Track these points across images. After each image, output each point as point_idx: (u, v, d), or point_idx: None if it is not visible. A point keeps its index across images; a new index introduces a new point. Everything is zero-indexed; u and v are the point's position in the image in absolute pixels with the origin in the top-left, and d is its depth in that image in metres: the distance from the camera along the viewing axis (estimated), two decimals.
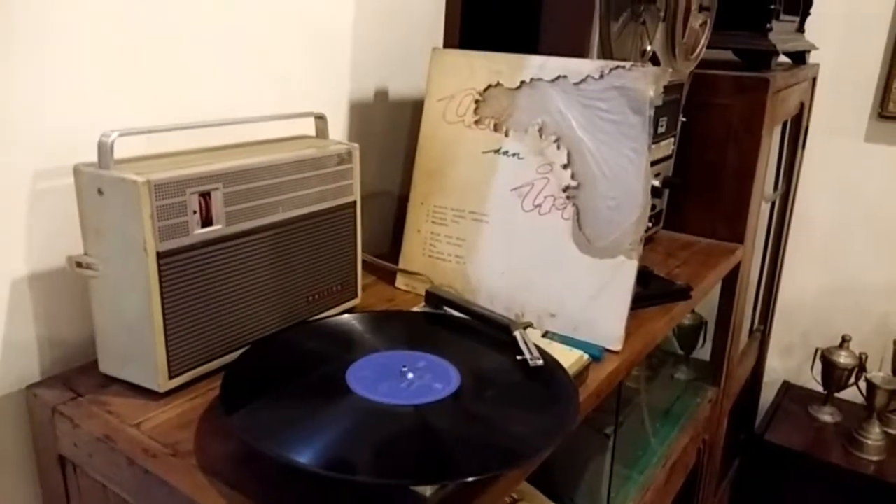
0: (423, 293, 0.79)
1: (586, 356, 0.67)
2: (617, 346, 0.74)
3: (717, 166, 1.17)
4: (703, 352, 1.37)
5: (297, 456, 0.47)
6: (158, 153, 0.65)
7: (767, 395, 1.84)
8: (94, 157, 0.58)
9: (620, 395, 0.84)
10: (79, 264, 0.61)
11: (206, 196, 0.61)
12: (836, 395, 1.68)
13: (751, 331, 1.62)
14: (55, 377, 0.65)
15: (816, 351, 1.66)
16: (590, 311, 0.75)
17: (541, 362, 0.60)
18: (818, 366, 1.66)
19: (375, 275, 0.91)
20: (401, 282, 0.89)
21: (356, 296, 0.80)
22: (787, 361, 1.85)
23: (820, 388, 1.70)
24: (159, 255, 0.58)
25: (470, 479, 0.46)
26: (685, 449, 1.10)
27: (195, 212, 0.60)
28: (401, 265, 0.88)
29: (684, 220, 1.19)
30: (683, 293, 0.91)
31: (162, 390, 0.61)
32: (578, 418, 0.56)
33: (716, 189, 1.17)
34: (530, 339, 0.64)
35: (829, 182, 1.70)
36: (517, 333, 0.64)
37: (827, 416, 1.68)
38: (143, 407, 0.60)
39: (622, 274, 0.74)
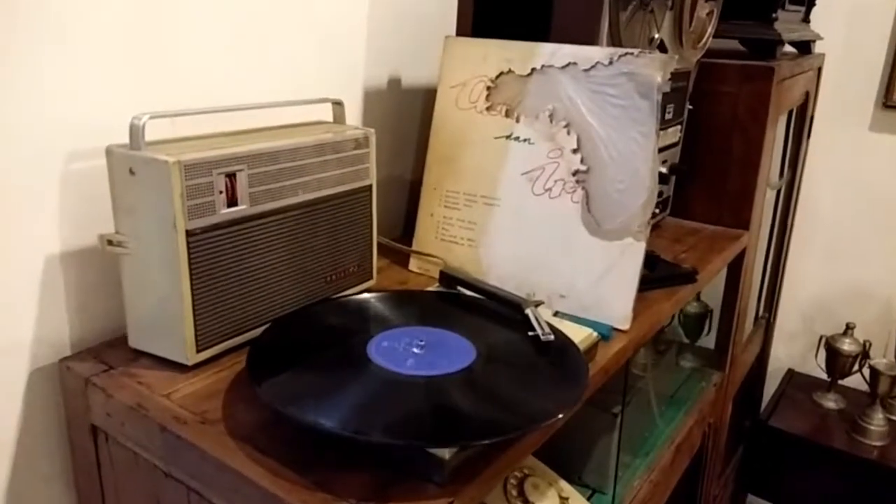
0: (436, 276, 0.82)
1: (595, 333, 0.70)
2: (625, 325, 0.77)
3: (723, 154, 1.19)
4: (708, 340, 1.39)
5: (322, 419, 0.50)
6: (184, 136, 0.68)
7: (772, 383, 1.86)
8: (119, 140, 0.61)
9: (628, 376, 0.87)
10: (110, 242, 0.63)
11: (231, 177, 0.64)
12: (840, 381, 1.70)
13: (756, 318, 1.64)
14: (87, 351, 0.68)
15: (821, 338, 1.68)
16: (599, 292, 0.78)
17: (552, 337, 0.63)
18: (822, 353, 1.68)
19: (389, 258, 0.94)
20: (414, 265, 0.91)
21: (371, 277, 0.83)
22: (792, 349, 1.87)
23: (824, 376, 1.72)
24: (188, 234, 0.61)
25: (486, 441, 0.48)
26: (690, 431, 1.12)
27: (221, 192, 0.63)
28: (414, 248, 0.91)
29: (690, 207, 1.21)
30: (689, 276, 0.94)
31: (190, 363, 0.64)
32: (589, 390, 0.58)
33: (721, 176, 1.20)
34: (541, 316, 0.66)
35: (835, 171, 1.72)
36: (529, 311, 0.67)
37: (831, 402, 1.71)
38: (171, 379, 0.63)
39: (630, 255, 0.77)
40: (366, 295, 0.73)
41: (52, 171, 0.65)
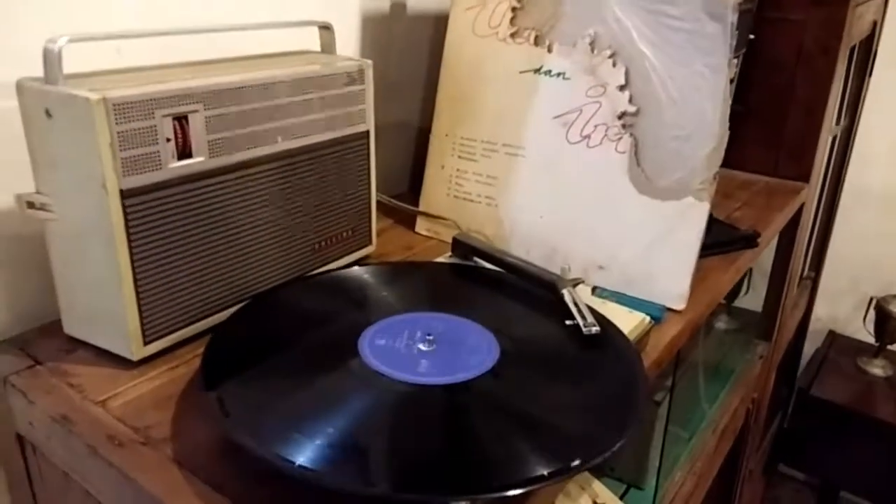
0: (448, 240, 0.68)
1: (648, 318, 0.56)
2: (680, 305, 0.62)
3: (784, 93, 1.02)
4: (745, 300, 1.26)
5: (291, 454, 0.37)
6: (127, 68, 0.53)
7: (810, 345, 1.72)
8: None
9: (679, 359, 0.73)
10: (30, 204, 0.49)
11: (182, 120, 0.49)
12: (889, 346, 1.56)
13: (800, 278, 1.49)
14: (12, 339, 0.54)
15: (871, 300, 1.53)
16: (647, 263, 0.63)
17: (597, 329, 0.48)
18: (871, 315, 1.53)
19: (392, 218, 0.80)
20: (422, 226, 0.77)
21: (370, 243, 0.69)
22: (835, 309, 1.72)
23: (871, 339, 1.58)
24: (123, 194, 0.46)
25: (520, 491, 0.35)
26: (735, 411, 0.99)
27: (169, 140, 0.48)
28: (422, 207, 0.76)
29: (742, 156, 1.05)
30: (750, 240, 0.79)
31: (135, 358, 0.50)
32: (649, 406, 0.45)
33: (780, 120, 1.03)
34: (581, 300, 0.52)
35: (894, 116, 1.53)
36: (566, 292, 0.53)
37: (878, 369, 1.57)
38: (112, 378, 0.50)
39: (689, 219, 0.62)
40: (357, 269, 0.59)
41: None
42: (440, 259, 0.64)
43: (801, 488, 1.79)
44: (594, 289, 0.63)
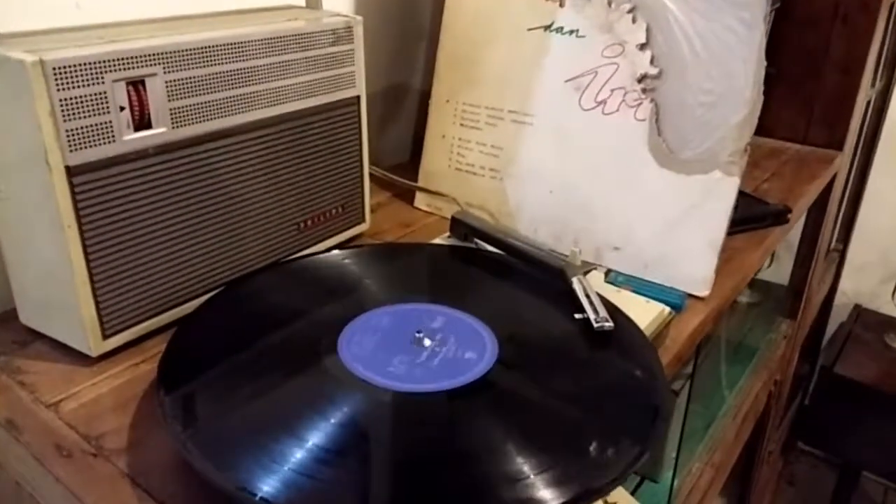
0: (450, 216, 0.61)
1: (667, 310, 0.50)
2: (704, 291, 0.56)
3: (818, 53, 0.94)
4: (767, 273, 1.19)
5: (253, 482, 0.31)
6: (84, 25, 0.47)
7: (834, 320, 1.65)
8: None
9: (700, 347, 0.67)
10: None
11: (138, 86, 0.43)
12: None
13: (827, 251, 1.42)
14: None
15: None
16: (667, 245, 0.57)
17: (610, 325, 0.42)
18: None
19: (391, 191, 0.74)
20: (421, 201, 0.71)
21: (363, 220, 0.63)
22: (861, 283, 1.64)
23: None
24: (70, 171, 0.41)
25: None
26: (757, 396, 0.93)
27: (123, 108, 0.42)
28: (421, 180, 0.70)
29: (771, 122, 0.97)
30: (780, 216, 0.72)
31: (94, 354, 0.45)
32: (669, 419, 0.39)
33: (813, 82, 0.95)
34: (593, 290, 0.46)
35: None
36: (576, 281, 0.47)
37: None
38: (68, 376, 0.45)
39: (717, 195, 0.55)
40: (337, 254, 0.53)
41: None
42: (436, 240, 0.58)
43: (819, 464, 1.74)
44: (608, 272, 0.57)
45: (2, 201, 0.44)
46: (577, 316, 0.44)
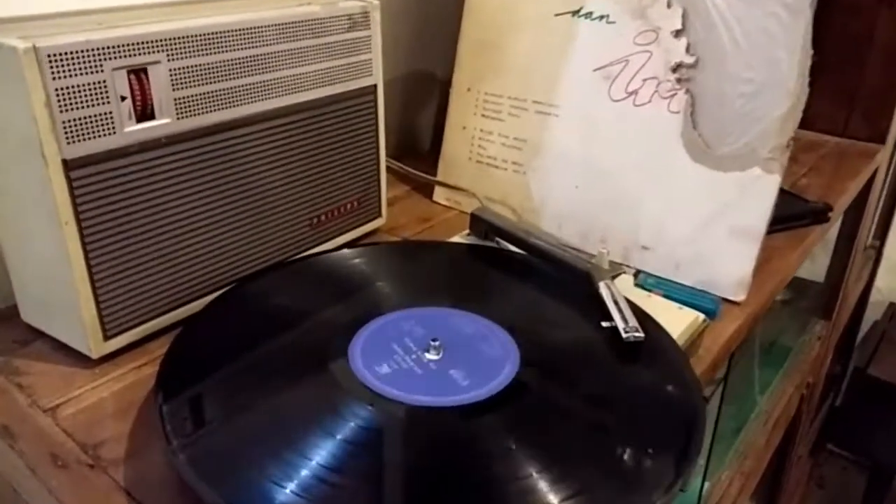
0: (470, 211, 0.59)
1: (702, 317, 0.46)
2: (740, 296, 0.53)
3: (861, 41, 0.89)
4: (801, 269, 1.15)
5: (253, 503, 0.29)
6: (87, 9, 0.44)
7: (868, 318, 1.60)
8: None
9: (734, 354, 0.63)
10: None
11: (140, 74, 0.40)
12: None
13: (864, 248, 1.36)
14: None
15: None
16: (701, 245, 0.54)
17: (641, 335, 0.39)
18: None
19: (409, 184, 0.71)
20: (441, 195, 0.68)
21: (380, 215, 0.60)
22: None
23: None
24: (68, 165, 0.39)
25: None
26: (789, 400, 0.90)
27: (125, 98, 0.40)
28: (440, 173, 0.67)
29: (809, 113, 0.91)
30: (820, 214, 0.68)
31: (95, 356, 0.43)
32: (703, 442, 0.36)
33: (855, 71, 0.90)
34: (621, 295, 0.43)
35: None
36: (603, 286, 0.44)
37: None
38: (68, 378, 0.43)
39: (755, 194, 0.51)
40: (346, 252, 0.50)
41: None
42: (455, 238, 0.55)
43: (849, 467, 1.69)
44: (637, 274, 0.54)
45: (0, 195, 0.42)
46: (604, 324, 0.41)
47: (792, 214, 0.67)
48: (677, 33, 0.53)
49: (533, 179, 0.61)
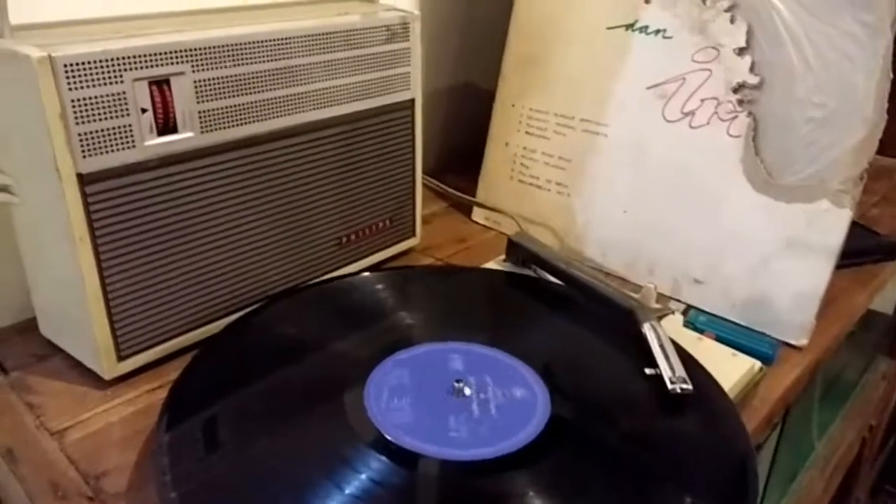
0: (511, 232, 0.55)
1: (758, 365, 0.42)
2: (801, 340, 0.48)
3: None
4: None
5: None
6: (107, 17, 0.43)
7: None
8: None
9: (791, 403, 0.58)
10: None
11: (162, 85, 0.39)
12: None
13: None
14: None
15: None
16: (760, 282, 0.49)
17: (689, 387, 0.35)
18: None
19: (447, 201, 0.68)
20: (479, 214, 0.65)
21: (413, 234, 0.57)
22: None
23: None
24: (83, 179, 0.37)
25: None
26: (850, 445, 0.83)
27: (145, 110, 0.38)
28: (480, 191, 0.64)
29: (882, 137, 0.86)
30: (892, 249, 0.62)
31: (107, 377, 0.41)
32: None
33: None
34: (668, 339, 0.39)
35: None
36: (648, 328, 0.40)
37: None
38: (80, 399, 0.41)
39: (822, 229, 0.47)
40: (367, 275, 0.47)
41: None
42: (490, 264, 0.51)
43: None
44: (686, 310, 0.50)
45: (17, 206, 0.41)
46: (647, 371, 0.37)
47: (861, 249, 0.61)
48: (741, 51, 0.48)
49: (577, 202, 0.58)
